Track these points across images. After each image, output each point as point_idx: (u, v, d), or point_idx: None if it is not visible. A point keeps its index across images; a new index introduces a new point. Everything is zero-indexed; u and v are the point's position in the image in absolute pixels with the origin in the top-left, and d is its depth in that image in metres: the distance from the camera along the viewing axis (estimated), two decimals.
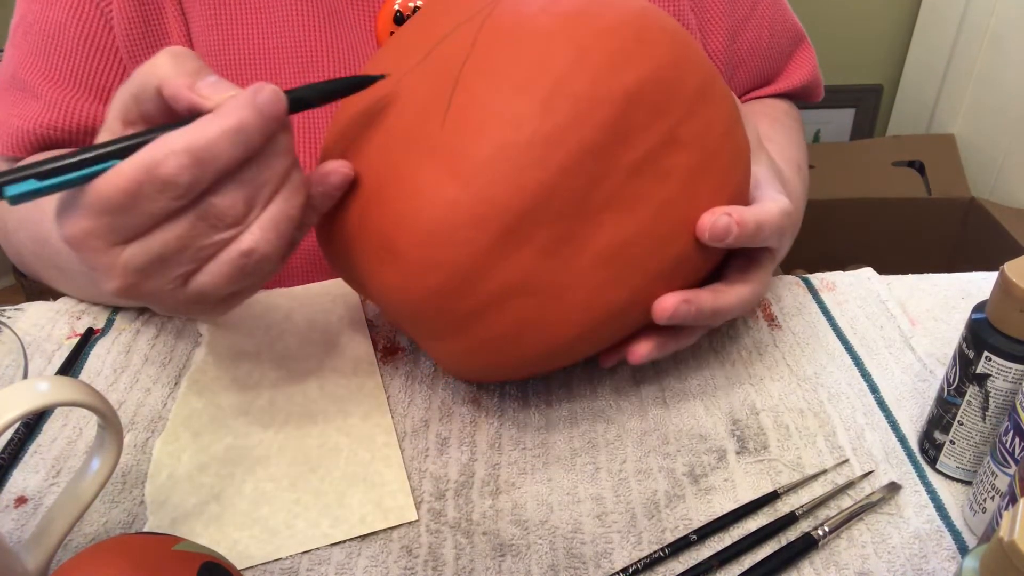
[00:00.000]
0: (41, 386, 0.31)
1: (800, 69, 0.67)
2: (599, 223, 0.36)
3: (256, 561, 0.37)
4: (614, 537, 0.38)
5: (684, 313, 0.38)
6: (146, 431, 0.44)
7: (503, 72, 0.35)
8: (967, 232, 1.41)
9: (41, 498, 0.40)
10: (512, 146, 0.34)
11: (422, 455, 0.43)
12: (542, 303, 0.36)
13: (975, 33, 1.44)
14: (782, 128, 0.61)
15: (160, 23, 0.53)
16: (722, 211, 0.37)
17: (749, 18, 0.62)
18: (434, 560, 0.37)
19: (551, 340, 0.37)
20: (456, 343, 0.38)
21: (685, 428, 0.44)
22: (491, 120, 0.35)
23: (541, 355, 0.38)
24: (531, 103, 0.34)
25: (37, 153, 0.54)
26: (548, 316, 0.36)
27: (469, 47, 0.37)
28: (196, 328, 0.52)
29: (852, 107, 1.68)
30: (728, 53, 0.62)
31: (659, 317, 0.38)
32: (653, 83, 0.36)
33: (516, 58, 0.36)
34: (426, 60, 0.38)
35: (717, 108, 0.38)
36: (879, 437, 0.43)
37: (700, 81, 0.38)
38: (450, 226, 0.35)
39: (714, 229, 0.37)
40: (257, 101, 0.32)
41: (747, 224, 0.37)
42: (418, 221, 0.35)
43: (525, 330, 0.37)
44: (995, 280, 0.35)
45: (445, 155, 0.35)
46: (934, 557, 0.37)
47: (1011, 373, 0.36)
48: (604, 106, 0.35)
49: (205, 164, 0.31)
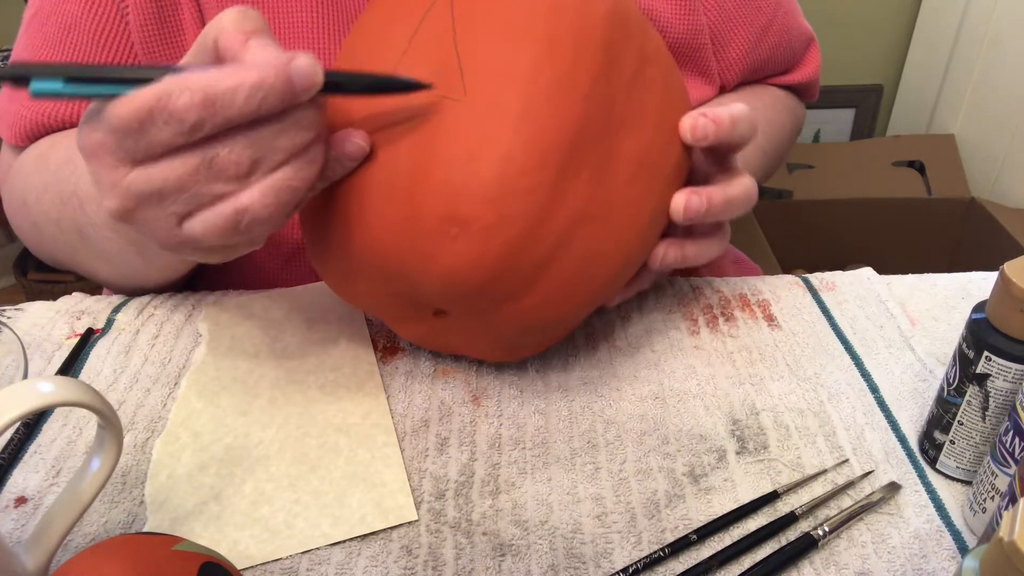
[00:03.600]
0: (41, 386, 0.31)
1: (803, 68, 0.67)
2: (621, 141, 0.39)
3: (256, 561, 0.37)
4: (614, 537, 0.38)
5: (697, 205, 0.40)
6: (146, 431, 0.44)
7: (496, 31, 0.38)
8: (967, 232, 1.41)
9: (41, 498, 0.40)
10: (538, 92, 0.37)
11: (422, 455, 0.43)
12: (600, 229, 0.39)
13: (975, 33, 1.44)
14: (758, 101, 0.62)
15: (175, 18, 0.53)
16: (697, 113, 0.40)
17: (769, 27, 0.62)
18: (434, 560, 0.37)
19: (612, 266, 0.40)
20: (529, 299, 0.39)
21: (685, 428, 0.44)
22: (509, 75, 0.37)
23: (603, 286, 0.41)
24: (537, 49, 0.37)
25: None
26: (607, 241, 0.39)
27: (450, 19, 0.38)
28: (196, 328, 0.52)
29: (852, 107, 1.68)
30: (748, 60, 0.62)
31: (676, 214, 0.41)
32: (617, 9, 0.40)
33: (500, 15, 0.38)
34: (414, 42, 0.39)
35: (653, 29, 0.43)
36: (879, 437, 0.43)
37: (636, 6, 0.43)
38: (512, 178, 0.36)
39: (695, 127, 0.40)
40: (289, 67, 0.32)
41: (722, 118, 0.40)
42: (480, 185, 0.36)
43: (590, 263, 0.39)
44: (995, 280, 0.35)
45: (480, 118, 0.37)
46: (934, 557, 0.37)
47: (1011, 373, 0.36)
48: (594, 35, 0.38)
49: (215, 109, 0.31)
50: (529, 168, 0.36)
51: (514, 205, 0.36)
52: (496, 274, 0.38)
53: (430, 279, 0.38)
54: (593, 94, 0.38)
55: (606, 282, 0.41)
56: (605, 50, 0.38)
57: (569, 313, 0.41)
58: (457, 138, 0.37)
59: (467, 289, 0.38)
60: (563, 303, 0.40)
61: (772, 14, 0.62)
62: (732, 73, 0.62)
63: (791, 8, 0.65)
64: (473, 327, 0.43)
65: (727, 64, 0.61)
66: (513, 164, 0.36)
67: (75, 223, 0.49)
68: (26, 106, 0.54)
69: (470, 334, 0.44)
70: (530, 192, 0.36)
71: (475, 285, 0.38)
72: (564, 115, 0.37)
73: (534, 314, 0.40)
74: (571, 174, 0.37)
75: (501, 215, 0.36)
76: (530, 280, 0.38)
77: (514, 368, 0.48)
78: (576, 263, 0.39)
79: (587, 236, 0.38)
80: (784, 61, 0.65)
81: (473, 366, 0.48)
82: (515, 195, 0.36)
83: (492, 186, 0.36)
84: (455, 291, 0.39)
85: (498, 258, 0.37)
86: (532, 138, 0.36)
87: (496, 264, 0.37)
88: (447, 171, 0.36)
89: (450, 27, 0.38)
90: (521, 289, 0.39)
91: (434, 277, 0.38)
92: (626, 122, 0.39)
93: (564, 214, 0.37)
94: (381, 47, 0.39)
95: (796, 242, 1.44)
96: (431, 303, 0.42)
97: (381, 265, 0.40)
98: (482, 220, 0.36)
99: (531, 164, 0.36)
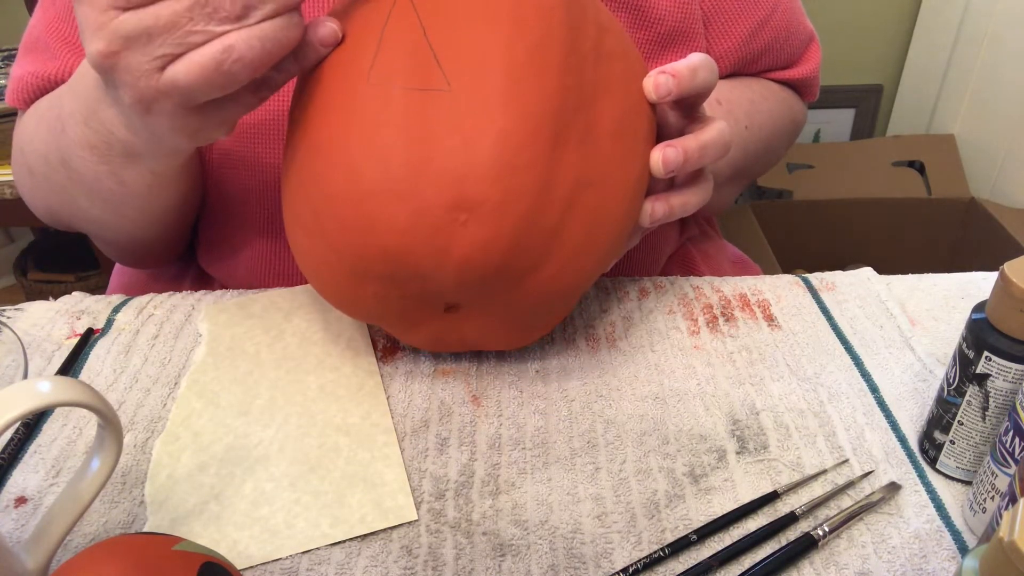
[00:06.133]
0: (41, 386, 0.31)
1: (801, 66, 0.67)
2: (598, 108, 0.40)
3: (256, 561, 0.37)
4: (614, 537, 0.38)
5: (673, 157, 0.42)
6: (146, 431, 0.44)
7: (462, 19, 0.38)
8: (967, 232, 1.41)
9: (41, 498, 0.40)
10: (517, 70, 0.38)
11: (422, 455, 0.43)
12: (599, 193, 0.40)
13: (975, 33, 1.44)
14: (745, 87, 0.62)
15: None
16: (656, 71, 0.42)
17: (767, 23, 0.62)
18: (434, 560, 0.37)
19: (614, 226, 0.41)
20: (546, 270, 0.40)
21: (685, 428, 0.44)
22: (486, 58, 0.38)
23: (610, 246, 0.42)
24: (506, 31, 0.38)
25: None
26: (607, 203, 0.40)
27: (415, 15, 0.39)
28: (196, 328, 0.52)
29: (852, 107, 1.68)
30: (739, 54, 0.62)
31: (656, 169, 0.42)
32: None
33: (463, 4, 0.39)
34: (382, 48, 0.39)
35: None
36: (879, 437, 0.43)
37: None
38: (511, 155, 0.37)
39: (657, 85, 0.41)
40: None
41: (680, 71, 0.41)
42: (482, 166, 0.37)
43: (595, 226, 0.40)
44: (995, 280, 0.35)
45: (468, 103, 0.37)
46: (934, 557, 0.37)
47: (1011, 373, 0.36)
48: (555, 11, 0.39)
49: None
50: (525, 142, 0.37)
51: (517, 180, 0.37)
52: (511, 252, 0.38)
53: (446, 271, 0.39)
54: (566, 66, 0.39)
55: (611, 242, 0.42)
56: (567, 24, 0.40)
57: (583, 278, 0.42)
58: (449, 127, 0.37)
59: (485, 273, 0.39)
60: (577, 269, 0.41)
61: (771, 9, 0.62)
62: (723, 64, 0.62)
63: (792, 6, 0.65)
64: (488, 314, 0.43)
65: (719, 55, 0.61)
66: (509, 141, 0.37)
67: (60, 153, 0.50)
68: (27, 69, 0.55)
69: (484, 322, 0.44)
70: (530, 165, 0.37)
71: (492, 267, 0.39)
72: (545, 88, 0.38)
73: (551, 285, 0.41)
74: (561, 143, 0.38)
75: (507, 192, 0.37)
76: (544, 252, 0.39)
77: (514, 368, 0.48)
78: (583, 227, 0.40)
79: (589, 200, 0.40)
80: (781, 57, 0.65)
81: (473, 366, 0.48)
82: (517, 170, 0.37)
83: (494, 165, 0.37)
84: (474, 277, 0.39)
85: (511, 236, 0.38)
86: (521, 114, 0.37)
87: (510, 242, 0.38)
88: (446, 160, 0.37)
89: (416, 23, 0.39)
90: (537, 262, 0.40)
91: (451, 268, 0.38)
92: (599, 90, 0.40)
93: (564, 182, 0.38)
94: (351, 53, 0.39)
95: (796, 242, 1.44)
96: (444, 298, 0.42)
97: (392, 269, 0.39)
98: (490, 201, 0.37)
99: (526, 138, 0.37)
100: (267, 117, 0.53)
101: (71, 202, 0.54)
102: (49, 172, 0.53)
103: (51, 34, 0.55)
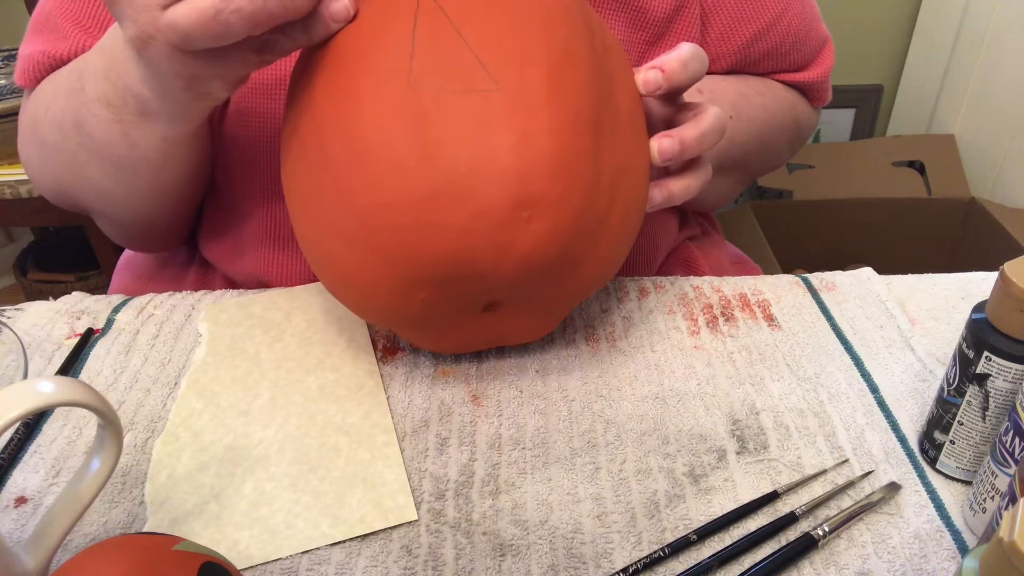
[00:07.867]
0: (41, 386, 0.31)
1: (810, 70, 0.67)
2: (617, 98, 0.42)
3: (256, 561, 0.37)
4: (614, 537, 0.38)
5: (669, 146, 0.43)
6: (146, 431, 0.44)
7: (494, 21, 0.39)
8: (967, 232, 1.41)
9: (41, 498, 0.40)
10: (555, 63, 0.39)
11: (422, 455, 0.43)
12: (632, 179, 0.42)
13: (975, 33, 1.44)
14: (743, 83, 0.62)
15: None
16: (646, 67, 0.43)
17: (771, 28, 0.61)
18: (434, 560, 0.37)
19: (641, 212, 0.44)
20: (592, 259, 0.42)
21: (685, 428, 0.44)
22: (526, 56, 0.39)
23: (636, 234, 0.44)
24: (538, 30, 0.39)
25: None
26: (637, 189, 0.43)
27: (444, 18, 0.39)
28: (196, 328, 0.52)
29: (852, 107, 1.68)
30: (738, 56, 0.62)
31: (654, 159, 0.43)
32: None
33: (493, 6, 0.40)
34: (416, 49, 0.38)
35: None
36: (879, 437, 0.43)
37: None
38: (565, 147, 0.38)
39: (647, 82, 0.43)
40: None
41: (671, 65, 0.42)
42: (541, 160, 0.38)
43: (629, 213, 0.42)
44: (995, 280, 0.35)
45: (514, 103, 0.38)
46: (934, 557, 0.37)
47: (1011, 373, 0.36)
48: (571, 9, 0.41)
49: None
50: (575, 134, 0.38)
51: (573, 172, 0.38)
52: (568, 243, 0.39)
53: (504, 269, 0.39)
54: (590, 60, 0.40)
55: (637, 230, 0.44)
56: (584, 21, 0.41)
57: (616, 265, 0.45)
58: (503, 125, 0.37)
59: (543, 266, 0.40)
60: (616, 257, 0.44)
61: (777, 14, 0.62)
62: (721, 64, 0.61)
63: (804, 11, 0.64)
64: (526, 308, 0.44)
65: (716, 56, 0.61)
66: (562, 134, 0.38)
67: (75, 116, 0.50)
68: (36, 48, 0.55)
69: (521, 317, 0.45)
70: (581, 155, 0.39)
71: (551, 261, 0.40)
72: (580, 82, 0.39)
73: (593, 272, 0.43)
74: (600, 131, 0.40)
75: (566, 184, 0.38)
76: (594, 239, 0.41)
77: (514, 368, 0.48)
78: (622, 215, 0.42)
79: (626, 187, 0.41)
80: (786, 61, 0.65)
81: (473, 366, 0.48)
82: (571, 162, 0.38)
83: (552, 159, 0.38)
84: (532, 272, 0.40)
85: (570, 227, 0.39)
86: (566, 107, 0.38)
87: (569, 234, 0.39)
88: (504, 159, 0.37)
89: (448, 26, 0.38)
90: (589, 250, 0.41)
91: (510, 266, 0.39)
92: (613, 80, 0.42)
93: (607, 170, 0.40)
94: (379, 52, 0.39)
95: (796, 242, 1.44)
96: (490, 297, 0.42)
97: (449, 272, 0.39)
98: (551, 195, 0.38)
99: (576, 130, 0.38)
100: (279, 75, 0.53)
101: (81, 174, 0.53)
102: (61, 140, 0.53)
103: (62, 14, 0.55)
